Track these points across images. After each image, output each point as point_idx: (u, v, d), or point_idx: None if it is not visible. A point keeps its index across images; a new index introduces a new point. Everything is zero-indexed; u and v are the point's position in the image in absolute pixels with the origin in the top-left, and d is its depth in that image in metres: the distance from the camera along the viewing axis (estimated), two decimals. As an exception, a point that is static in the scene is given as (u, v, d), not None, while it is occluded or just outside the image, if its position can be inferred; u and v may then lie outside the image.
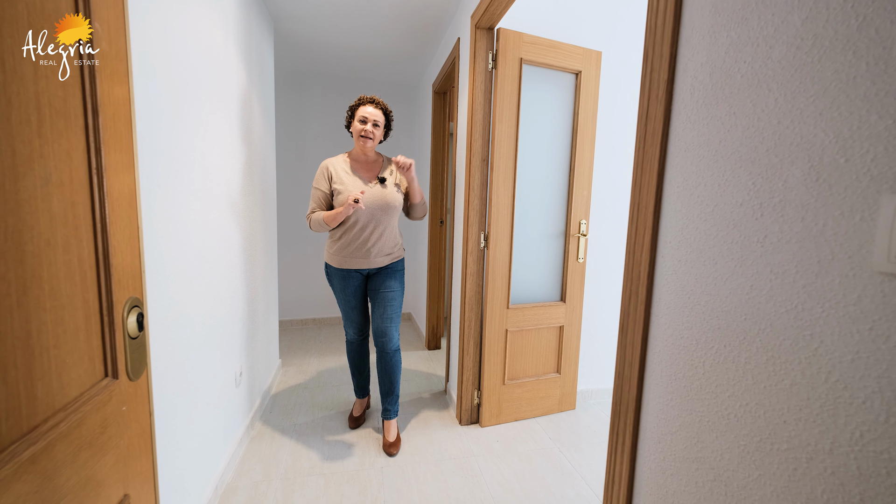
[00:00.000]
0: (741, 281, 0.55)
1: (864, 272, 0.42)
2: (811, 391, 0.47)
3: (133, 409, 0.65)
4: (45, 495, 0.46)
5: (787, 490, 0.50)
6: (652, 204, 0.70)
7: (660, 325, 0.70)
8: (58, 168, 0.49)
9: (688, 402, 0.64)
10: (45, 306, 0.46)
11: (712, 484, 0.60)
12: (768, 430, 0.52)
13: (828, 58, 0.45)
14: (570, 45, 1.92)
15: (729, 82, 0.57)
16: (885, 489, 0.40)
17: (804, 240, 0.47)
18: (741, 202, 0.55)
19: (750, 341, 0.54)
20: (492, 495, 1.51)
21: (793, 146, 0.49)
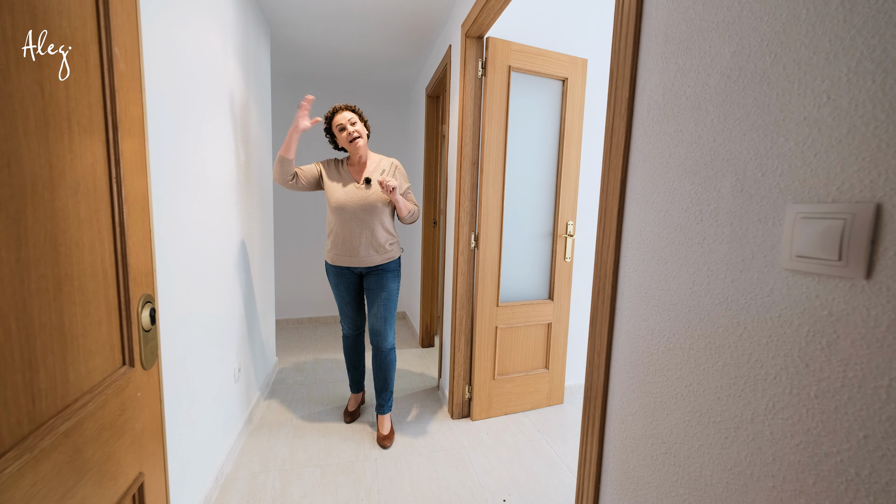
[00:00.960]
0: (686, 277, 0.63)
1: (775, 269, 0.50)
2: (737, 370, 0.55)
3: (146, 396, 0.71)
4: (76, 466, 0.53)
5: (721, 456, 0.57)
6: (616, 209, 0.78)
7: (623, 318, 0.78)
8: (84, 179, 0.55)
9: (645, 385, 0.72)
10: (75, 300, 0.53)
11: (664, 456, 0.68)
12: (706, 405, 0.60)
13: (749, 87, 0.53)
14: (556, 53, 2.00)
15: (677, 103, 0.65)
16: (791, 448, 0.48)
17: (732, 241, 0.55)
18: (686, 208, 0.63)
19: (692, 330, 0.62)
20: (480, 484, 1.59)
21: (724, 161, 0.56)
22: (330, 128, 1.81)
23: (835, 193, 0.44)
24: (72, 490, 0.51)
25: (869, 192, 0.41)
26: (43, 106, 0.48)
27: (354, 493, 1.50)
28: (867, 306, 0.41)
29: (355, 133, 1.73)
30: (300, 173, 1.77)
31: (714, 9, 0.58)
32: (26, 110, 0.45)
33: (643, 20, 0.72)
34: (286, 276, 3.46)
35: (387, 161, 1.84)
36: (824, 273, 0.44)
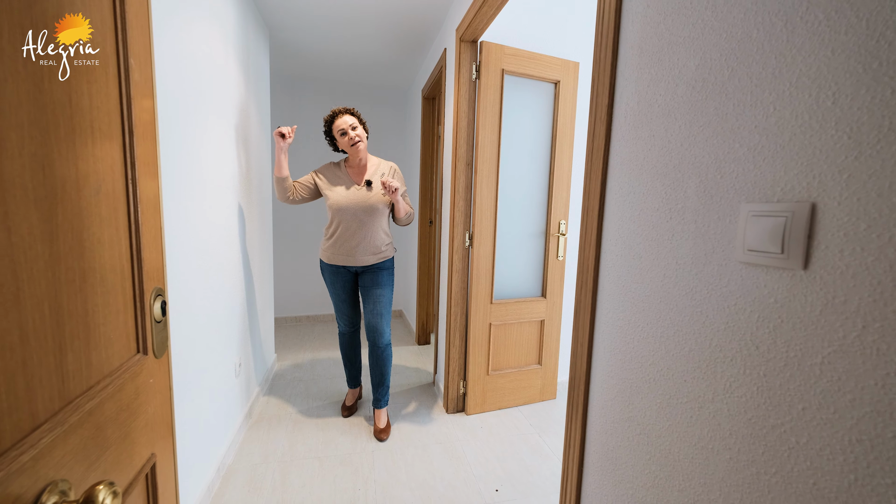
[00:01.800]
0: (657, 271, 0.69)
1: (731, 262, 0.55)
2: (700, 354, 0.60)
3: (158, 382, 0.76)
4: (99, 442, 0.58)
5: (686, 434, 0.63)
6: (597, 208, 0.84)
7: (603, 310, 0.83)
8: (105, 180, 0.60)
9: (622, 371, 0.77)
10: (97, 291, 0.58)
11: (639, 437, 0.73)
12: (674, 388, 0.65)
13: (711, 97, 0.58)
14: (549, 57, 2.05)
15: (650, 110, 0.70)
16: (744, 423, 0.54)
17: (696, 237, 0.61)
18: (657, 207, 0.68)
19: (663, 319, 0.67)
20: (473, 474, 1.64)
21: (690, 164, 0.62)
22: (330, 131, 1.86)
23: (779, 194, 0.49)
24: (94, 464, 0.56)
25: (806, 192, 0.47)
26: (70, 114, 0.53)
27: (352, 483, 1.56)
28: (804, 293, 0.47)
29: (357, 138, 1.79)
30: (297, 186, 1.83)
31: (681, 24, 0.64)
32: (57, 119, 0.50)
33: (621, 33, 0.77)
34: (285, 275, 3.50)
35: (386, 164, 1.90)
36: (770, 265, 0.50)
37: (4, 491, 0.41)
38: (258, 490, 1.49)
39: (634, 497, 0.75)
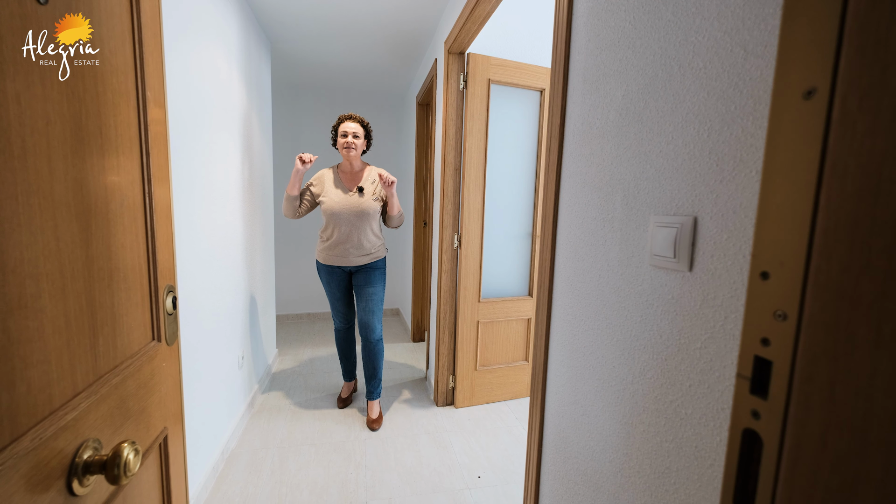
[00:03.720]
0: (594, 272, 0.80)
1: (644, 265, 0.66)
2: (624, 343, 0.71)
3: (169, 366, 0.88)
4: (123, 411, 0.70)
5: (614, 412, 0.74)
6: (552, 216, 0.95)
7: (557, 306, 0.95)
8: (127, 193, 0.73)
9: (571, 360, 0.89)
10: (120, 287, 0.70)
11: (581, 417, 0.85)
12: (605, 373, 0.76)
13: (632, 124, 0.70)
14: (534, 66, 2.16)
15: (590, 131, 0.81)
16: (652, 400, 0.65)
17: (622, 243, 0.72)
18: (594, 217, 0.80)
19: (597, 313, 0.78)
20: (458, 462, 1.76)
21: (617, 180, 0.73)
22: (337, 128, 1.98)
23: (675, 208, 0.61)
24: (119, 429, 0.68)
25: (690, 207, 0.58)
26: (101, 143, 0.65)
27: (345, 467, 1.68)
28: (690, 291, 0.58)
29: (351, 144, 1.91)
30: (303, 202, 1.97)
31: (612, 59, 0.75)
32: (91, 148, 0.62)
33: (570, 62, 0.88)
34: (286, 275, 3.63)
35: (376, 171, 2.01)
36: (668, 267, 0.61)
37: (55, 442, 0.53)
38: (258, 472, 1.62)
39: (579, 470, 0.86)
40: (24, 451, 0.48)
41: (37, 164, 0.51)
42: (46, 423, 0.52)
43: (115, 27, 0.67)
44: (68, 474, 0.55)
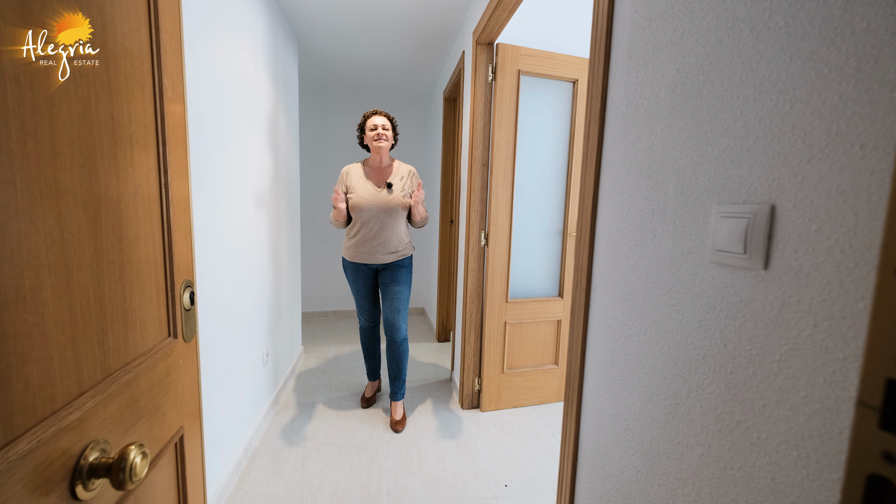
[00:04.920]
0: (642, 270, 0.71)
1: (703, 262, 0.57)
2: (677, 352, 0.62)
3: (186, 364, 0.86)
4: (134, 411, 0.67)
5: (665, 430, 0.65)
6: (590, 209, 0.86)
7: (595, 308, 0.86)
8: (141, 185, 0.70)
9: (611, 367, 0.80)
10: (133, 282, 0.68)
11: (624, 433, 0.76)
12: (654, 384, 0.67)
13: (688, 101, 0.60)
14: (566, 56, 2.05)
15: (636, 113, 0.72)
16: (714, 419, 0.56)
17: (675, 237, 0.63)
18: (642, 208, 0.70)
19: (645, 317, 0.69)
20: (484, 469, 1.68)
21: (669, 166, 0.64)
22: (364, 125, 1.95)
23: (744, 195, 0.51)
24: (130, 429, 0.66)
25: (766, 194, 0.48)
26: (112, 130, 0.62)
27: (366, 469, 1.64)
28: (765, 293, 0.48)
29: (383, 135, 1.87)
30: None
31: (664, 30, 0.65)
32: (102, 135, 0.59)
33: (612, 38, 0.79)
34: (313, 272, 3.67)
35: (405, 168, 1.97)
36: (735, 265, 0.52)
37: (56, 443, 0.50)
38: (281, 471, 1.61)
39: (620, 491, 0.77)
40: (21, 454, 0.45)
41: (38, 149, 0.48)
42: (47, 423, 0.49)
43: (130, 9, 0.65)
44: (72, 477, 0.52)
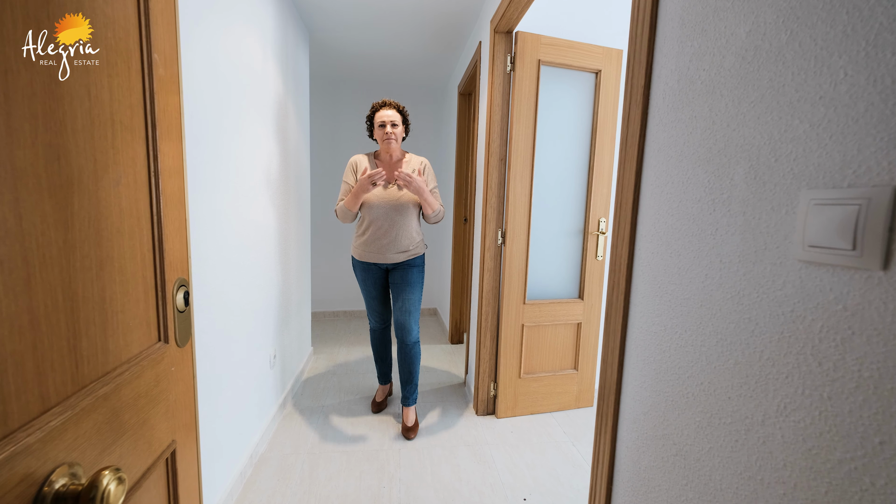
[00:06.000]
0: (698, 270, 0.60)
1: (788, 260, 0.46)
2: (749, 369, 0.52)
3: (180, 371, 0.79)
4: (114, 426, 0.59)
5: (730, 460, 0.54)
6: (631, 201, 0.76)
7: (636, 314, 0.75)
8: (125, 172, 0.62)
9: (657, 383, 0.69)
10: (115, 279, 0.60)
11: (675, 458, 0.65)
12: (717, 406, 0.57)
13: (764, 67, 0.50)
14: (589, 45, 1.94)
15: (691, 88, 0.62)
16: (802, 454, 0.45)
17: (745, 231, 0.52)
18: (699, 198, 0.60)
19: (704, 325, 0.59)
20: (501, 481, 1.58)
21: (738, 147, 0.53)
22: (373, 117, 1.86)
23: (850, 177, 0.41)
24: (109, 448, 0.58)
25: (887, 174, 0.38)
26: (89, 107, 0.54)
27: (377, 479, 1.55)
28: (884, 300, 0.38)
29: (391, 135, 1.78)
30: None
31: (731, -13, 0.55)
32: (74, 111, 0.52)
33: (660, 4, 0.69)
34: (323, 270, 3.61)
35: (417, 160, 1.88)
36: (838, 264, 0.41)
37: (11, 470, 0.42)
38: (287, 480, 1.53)
39: (669, 525, 0.66)
40: (-40, 488, 0.37)
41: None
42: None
43: (109, -32, 0.57)
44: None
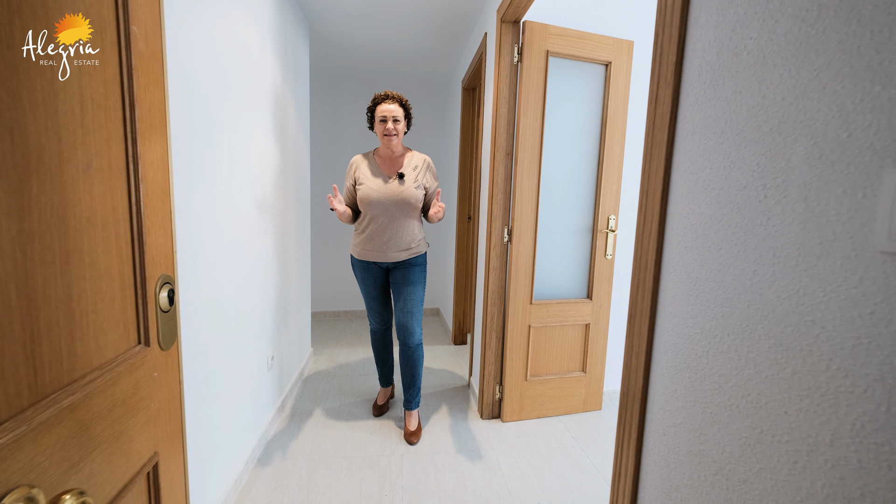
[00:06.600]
0: (744, 266, 0.53)
1: (866, 252, 0.39)
2: (812, 380, 0.44)
3: (164, 376, 0.72)
4: (83, 441, 0.52)
5: (788, 484, 0.47)
6: (659, 189, 0.68)
7: (666, 315, 0.68)
8: (98, 155, 0.55)
9: (692, 392, 0.62)
10: (84, 275, 0.53)
11: (714, 478, 0.58)
12: (769, 421, 0.49)
13: (832, 28, 0.43)
14: (599, 36, 1.87)
15: (735, 60, 0.55)
16: (887, 483, 0.38)
17: (806, 221, 0.45)
18: (745, 184, 0.53)
19: (752, 329, 0.52)
20: (509, 489, 1.51)
21: (796, 123, 0.46)
22: (374, 110, 1.78)
23: (957, 151, 0.33)
24: (77, 465, 0.51)
25: None
26: (52, 78, 0.48)
27: (378, 487, 1.48)
28: None
29: (393, 131, 1.71)
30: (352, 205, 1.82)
31: (786, -60, 0.48)
32: (32, 81, 0.45)
33: (696, -31, 0.62)
34: (323, 269, 3.55)
35: (419, 157, 1.81)
36: (940, 256, 0.34)
37: (-55, 499, 0.35)
38: (284, 488, 1.46)
39: (706, 551, 0.59)
40: None
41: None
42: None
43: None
44: (-30, 547, 0.37)
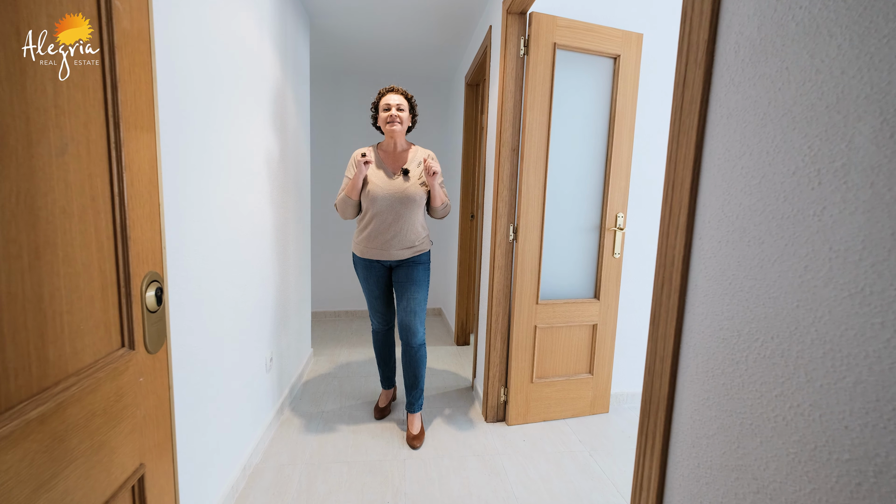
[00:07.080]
0: (793, 262, 0.48)
1: (954, 244, 0.34)
2: (881, 391, 0.39)
3: (151, 382, 0.66)
4: (56, 455, 0.47)
5: (848, 507, 0.42)
6: (689, 180, 0.63)
7: (696, 316, 0.63)
8: (74, 139, 0.50)
9: (727, 401, 0.57)
10: (58, 272, 0.48)
11: (755, 496, 0.53)
12: (825, 436, 0.44)
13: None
14: (608, 28, 1.82)
15: (781, 33, 0.49)
16: (979, 513, 0.33)
17: (873, 209, 0.40)
18: (794, 170, 0.47)
19: (803, 332, 0.46)
20: (515, 495, 1.46)
21: (860, 98, 0.41)
22: (378, 104, 1.74)
23: None
24: (48, 483, 0.46)
25: None
26: (17, 48, 0.42)
27: (380, 493, 1.43)
28: None
29: (396, 118, 1.66)
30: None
31: None
32: (-9, 50, 0.40)
33: (732, -63, 0.56)
34: (324, 268, 3.49)
35: (423, 153, 1.76)
36: None
37: None
38: (283, 494, 1.41)
39: (744, 576, 0.54)
40: None
41: None
42: None
43: None
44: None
